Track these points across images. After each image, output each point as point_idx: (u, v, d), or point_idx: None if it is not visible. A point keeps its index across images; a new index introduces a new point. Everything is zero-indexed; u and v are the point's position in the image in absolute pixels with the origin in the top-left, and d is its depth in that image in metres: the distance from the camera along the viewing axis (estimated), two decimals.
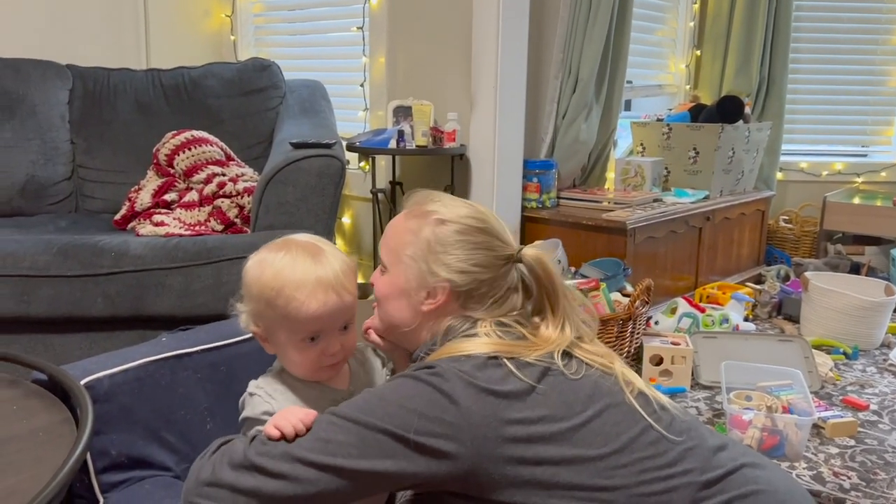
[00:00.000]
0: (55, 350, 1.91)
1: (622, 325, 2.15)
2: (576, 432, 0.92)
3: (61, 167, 2.54)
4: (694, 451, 0.96)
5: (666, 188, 3.06)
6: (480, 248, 1.05)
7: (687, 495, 0.92)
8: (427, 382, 0.93)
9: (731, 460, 0.97)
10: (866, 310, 2.45)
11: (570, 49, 2.74)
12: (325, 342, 1.03)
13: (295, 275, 1.00)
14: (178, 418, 1.21)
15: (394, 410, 0.91)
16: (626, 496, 0.90)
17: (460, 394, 0.91)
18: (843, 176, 3.67)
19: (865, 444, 1.83)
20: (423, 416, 0.90)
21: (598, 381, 0.99)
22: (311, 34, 3.16)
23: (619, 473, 0.91)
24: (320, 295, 1.00)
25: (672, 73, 3.64)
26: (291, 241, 1.06)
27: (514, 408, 0.91)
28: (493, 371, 0.93)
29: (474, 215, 1.08)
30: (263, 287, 1.01)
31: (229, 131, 2.59)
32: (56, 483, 0.77)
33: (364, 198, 2.86)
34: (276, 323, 1.02)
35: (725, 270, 3.17)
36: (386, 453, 0.90)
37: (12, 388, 1.06)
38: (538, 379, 0.94)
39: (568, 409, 0.93)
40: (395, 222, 1.11)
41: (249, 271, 1.05)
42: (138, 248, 1.89)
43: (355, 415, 0.92)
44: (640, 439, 0.94)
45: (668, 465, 0.93)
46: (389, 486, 0.96)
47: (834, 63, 3.66)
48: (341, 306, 1.02)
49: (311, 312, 1.00)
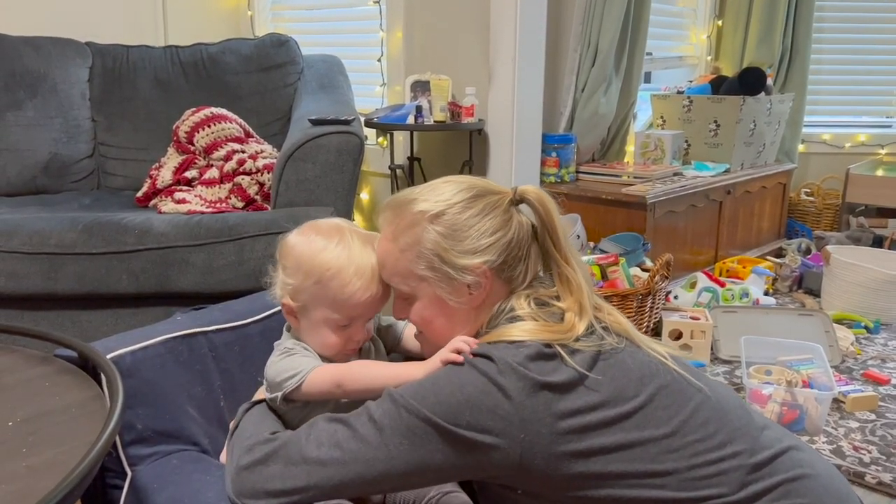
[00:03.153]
0: (82, 326, 1.95)
1: (641, 300, 2.15)
2: (629, 418, 0.90)
3: (83, 145, 2.56)
4: (742, 432, 0.94)
5: (686, 161, 3.04)
6: (488, 213, 0.99)
7: (737, 478, 0.90)
8: (482, 372, 0.89)
9: (777, 441, 0.96)
10: (888, 283, 2.43)
11: (589, 20, 2.71)
12: (355, 328, 1.07)
13: (357, 260, 1.03)
14: (196, 394, 1.23)
15: (445, 399, 0.89)
16: (678, 480, 0.89)
17: (514, 387, 0.88)
18: (866, 147, 3.62)
19: (886, 418, 1.83)
20: (475, 409, 0.88)
21: (645, 361, 0.96)
22: (327, 9, 3.14)
23: (670, 458, 0.89)
24: (373, 285, 1.04)
25: (693, 45, 3.59)
26: (342, 226, 1.08)
27: (568, 399, 0.89)
28: (545, 362, 0.90)
29: (460, 187, 1.01)
30: (320, 265, 1.03)
31: (248, 108, 2.59)
32: (93, 456, 0.79)
33: (382, 173, 2.86)
34: (319, 301, 1.05)
35: (746, 244, 3.15)
36: (434, 446, 0.89)
37: (45, 365, 1.09)
38: (590, 366, 0.91)
39: (621, 395, 0.91)
40: (385, 249, 1.02)
41: (298, 247, 1.06)
42: (161, 226, 1.91)
43: (408, 402, 0.90)
44: (690, 421, 0.92)
45: (718, 447, 0.91)
46: (437, 477, 0.94)
47: (858, 33, 3.59)
48: (384, 299, 1.06)
49: (362, 299, 1.04)
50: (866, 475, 1.57)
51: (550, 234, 1.01)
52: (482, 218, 0.98)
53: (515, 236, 1.00)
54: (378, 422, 0.91)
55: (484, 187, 1.02)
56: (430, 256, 0.98)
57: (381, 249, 1.04)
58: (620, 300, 2.11)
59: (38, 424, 0.92)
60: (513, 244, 0.99)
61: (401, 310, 1.06)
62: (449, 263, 0.98)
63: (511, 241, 0.99)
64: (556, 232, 1.01)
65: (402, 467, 0.90)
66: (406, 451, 0.90)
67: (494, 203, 1.00)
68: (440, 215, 0.98)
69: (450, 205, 0.99)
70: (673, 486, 0.89)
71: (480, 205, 0.99)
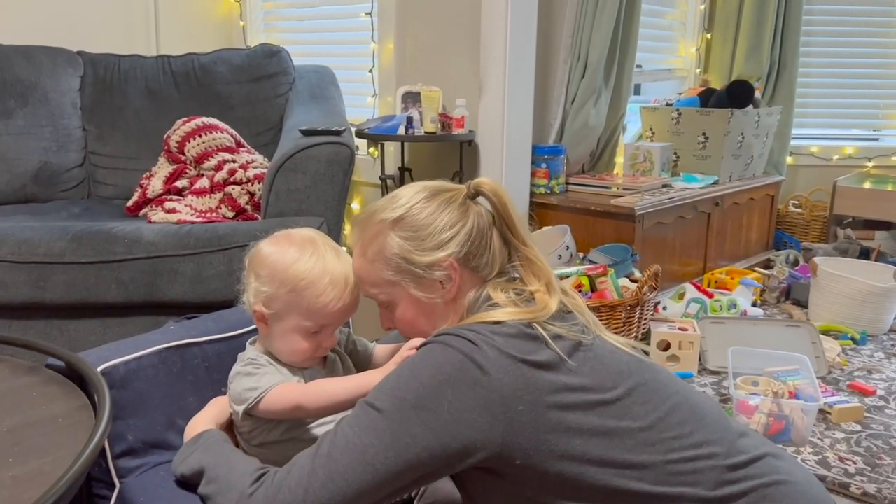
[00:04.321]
0: (70, 335, 1.94)
1: (630, 311, 2.16)
2: (608, 406, 0.92)
3: (73, 154, 2.56)
4: (719, 435, 0.96)
5: (675, 173, 3.06)
6: (444, 208, 1.02)
7: (713, 477, 0.92)
8: (460, 351, 0.91)
9: (753, 448, 0.98)
10: (874, 295, 2.45)
11: (579, 33, 2.73)
12: (324, 335, 1.10)
13: (331, 271, 1.07)
14: (188, 405, 1.23)
15: (426, 381, 0.90)
16: (655, 475, 0.91)
17: (494, 364, 0.90)
18: (853, 160, 3.65)
19: (871, 429, 1.85)
20: (456, 389, 0.89)
21: (624, 359, 0.99)
22: (319, 20, 3.16)
23: (647, 451, 0.91)
24: (346, 295, 1.08)
25: (682, 58, 3.62)
26: (315, 238, 1.11)
27: (549, 376, 0.91)
28: (527, 341, 0.93)
29: (415, 190, 1.05)
30: (295, 275, 1.06)
31: (239, 117, 2.60)
32: (78, 466, 0.79)
33: (373, 183, 2.87)
34: (292, 309, 1.07)
35: (734, 256, 3.17)
36: (419, 434, 0.89)
37: (32, 375, 1.09)
38: (569, 354, 0.94)
39: (600, 385, 0.93)
40: (358, 265, 1.06)
41: (273, 256, 1.09)
42: (151, 235, 1.91)
43: (388, 403, 0.91)
44: (667, 419, 0.94)
45: (694, 447, 0.93)
46: (424, 474, 0.93)
47: (845, 46, 3.63)
48: (354, 307, 1.10)
49: (335, 308, 1.07)
50: (851, 486, 1.59)
51: (506, 221, 1.05)
52: (440, 213, 1.02)
53: (475, 226, 1.03)
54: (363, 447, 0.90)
55: (439, 186, 1.06)
56: (397, 260, 1.02)
57: (355, 266, 1.07)
58: (609, 311, 2.12)
59: (24, 434, 0.92)
60: (474, 234, 1.03)
61: (386, 319, 1.09)
62: (415, 263, 1.01)
63: (471, 230, 1.03)
64: (511, 218, 1.05)
65: (392, 469, 0.90)
66: (391, 451, 0.89)
67: (450, 198, 1.04)
68: (400, 220, 1.02)
69: (408, 208, 1.02)
70: (650, 480, 0.90)
71: (437, 202, 1.03)
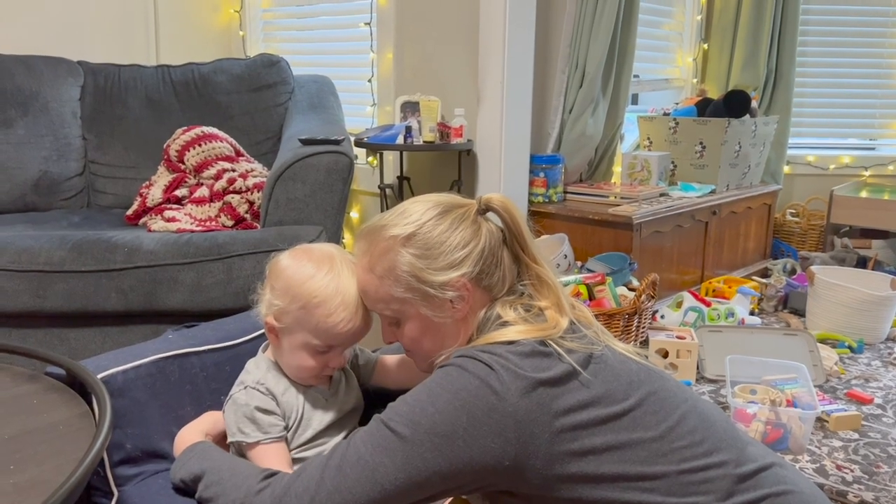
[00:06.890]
0: (70, 344, 1.95)
1: (628, 320, 2.17)
2: (619, 419, 0.92)
3: (73, 163, 2.57)
4: (728, 443, 0.96)
5: (672, 182, 3.07)
6: (457, 226, 1.00)
7: (723, 487, 0.92)
8: (476, 376, 0.90)
9: (761, 457, 0.98)
10: (872, 304, 2.46)
11: (576, 43, 2.75)
12: (332, 354, 1.09)
13: (343, 291, 1.05)
14: (186, 414, 1.23)
15: (442, 407, 0.89)
16: (667, 485, 0.90)
17: (509, 389, 0.89)
18: (850, 169, 3.67)
19: (869, 437, 1.85)
20: (471, 414, 0.88)
21: (634, 368, 0.99)
22: (319, 30, 3.18)
23: (660, 462, 0.91)
24: (357, 317, 1.06)
25: (679, 67, 3.64)
26: (334, 255, 1.08)
27: (563, 396, 0.90)
28: (541, 358, 0.92)
29: (427, 206, 1.02)
30: (308, 292, 1.05)
31: (238, 127, 2.61)
32: (79, 474, 0.80)
33: (372, 192, 2.88)
34: (302, 325, 1.06)
35: (731, 264, 3.18)
36: (433, 458, 0.89)
37: (32, 383, 1.09)
38: (583, 366, 0.94)
39: (612, 396, 0.93)
40: (365, 279, 1.04)
41: (288, 270, 1.07)
42: (150, 244, 1.92)
43: (402, 425, 0.90)
44: (677, 428, 0.94)
45: (704, 455, 0.93)
46: (435, 494, 0.93)
47: (842, 56, 3.65)
48: (365, 329, 1.09)
49: (343, 329, 1.05)
50: (849, 494, 1.59)
51: (517, 237, 1.04)
52: (452, 232, 1.00)
53: (487, 244, 1.02)
54: (374, 465, 0.90)
55: (450, 202, 1.04)
56: (408, 278, 1.00)
57: (361, 280, 1.05)
58: (607, 319, 2.13)
59: (24, 442, 0.92)
60: (486, 252, 1.01)
61: (389, 334, 1.07)
62: (427, 283, 0.99)
63: (484, 249, 1.01)
64: (522, 235, 1.04)
65: (400, 489, 0.90)
66: (402, 473, 0.89)
67: (462, 215, 1.02)
68: (412, 237, 1.00)
69: (419, 224, 1.00)
70: (662, 491, 0.90)
71: (449, 219, 1.01)
